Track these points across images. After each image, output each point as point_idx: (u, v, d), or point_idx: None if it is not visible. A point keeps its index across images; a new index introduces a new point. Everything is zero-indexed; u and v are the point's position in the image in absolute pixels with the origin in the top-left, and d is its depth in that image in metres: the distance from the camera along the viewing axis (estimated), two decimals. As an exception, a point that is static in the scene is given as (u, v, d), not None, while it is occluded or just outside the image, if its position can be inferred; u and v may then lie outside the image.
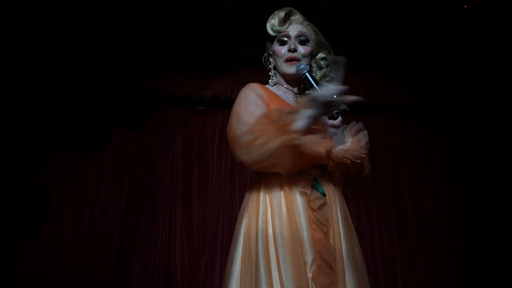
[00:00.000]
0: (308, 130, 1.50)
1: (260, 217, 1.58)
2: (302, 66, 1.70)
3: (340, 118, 1.66)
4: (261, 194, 1.63)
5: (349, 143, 1.71)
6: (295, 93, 1.83)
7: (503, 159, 4.30)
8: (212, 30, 3.79)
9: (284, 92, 1.82)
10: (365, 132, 1.75)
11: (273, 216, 1.55)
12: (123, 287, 3.70)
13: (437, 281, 4.02)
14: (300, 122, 1.45)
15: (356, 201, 4.25)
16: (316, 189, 1.60)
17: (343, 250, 1.56)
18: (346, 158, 1.67)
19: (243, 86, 1.72)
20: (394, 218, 4.23)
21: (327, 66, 1.88)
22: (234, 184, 4.14)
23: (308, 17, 1.93)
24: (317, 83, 1.61)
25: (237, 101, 1.70)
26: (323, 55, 1.87)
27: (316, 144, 1.50)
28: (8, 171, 3.68)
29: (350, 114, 4.40)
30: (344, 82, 3.93)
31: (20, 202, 3.71)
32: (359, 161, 1.68)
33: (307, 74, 1.66)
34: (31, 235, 3.70)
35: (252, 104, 1.62)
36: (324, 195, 1.60)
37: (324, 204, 1.57)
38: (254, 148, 1.42)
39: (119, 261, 3.77)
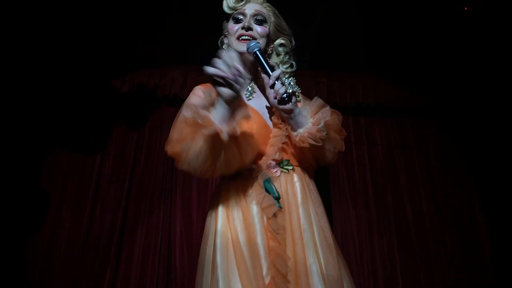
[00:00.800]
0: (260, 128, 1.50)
1: (218, 229, 1.48)
2: (252, 44, 1.56)
3: (292, 101, 1.49)
4: (220, 204, 1.53)
5: (310, 123, 1.54)
6: (250, 80, 1.68)
7: (503, 159, 4.30)
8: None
9: None
10: (326, 108, 1.58)
11: (230, 226, 1.46)
12: (122, 286, 3.69)
13: (437, 282, 4.02)
14: (216, 112, 1.32)
15: (355, 201, 4.25)
16: (270, 193, 1.46)
17: (308, 258, 1.43)
18: (304, 143, 1.51)
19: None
20: (393, 218, 4.23)
21: (285, 54, 1.74)
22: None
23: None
24: (268, 63, 1.52)
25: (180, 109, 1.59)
26: (282, 41, 1.73)
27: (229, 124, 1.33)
28: (8, 171, 3.67)
29: (351, 116, 4.51)
30: (345, 83, 3.97)
31: (18, 202, 3.70)
32: (320, 143, 1.51)
33: (257, 52, 1.53)
34: (30, 235, 3.70)
35: (188, 109, 1.43)
36: (279, 198, 1.47)
37: (279, 210, 1.45)
38: (182, 158, 1.35)
39: (118, 260, 3.77)
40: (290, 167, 1.58)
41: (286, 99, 1.48)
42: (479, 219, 4.32)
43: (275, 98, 1.49)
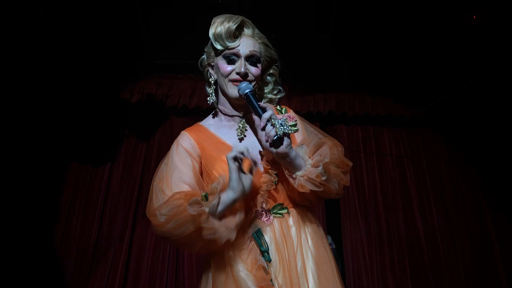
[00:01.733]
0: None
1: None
2: (243, 85, 1.47)
3: (285, 143, 1.36)
4: (210, 268, 1.49)
5: (309, 165, 1.42)
6: (241, 118, 1.59)
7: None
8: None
9: (228, 121, 1.60)
10: (325, 147, 1.45)
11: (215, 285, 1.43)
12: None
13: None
14: (215, 207, 1.32)
15: (365, 213, 4.22)
16: (258, 247, 1.41)
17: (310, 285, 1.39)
18: (303, 188, 1.41)
19: None
20: (404, 230, 4.19)
21: (274, 82, 1.68)
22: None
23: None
24: (259, 105, 1.43)
25: (166, 156, 1.57)
26: (270, 71, 1.67)
27: (229, 233, 1.35)
28: (18, 181, 3.69)
29: (360, 126, 4.50)
30: (352, 96, 3.93)
31: (28, 213, 3.72)
32: (321, 188, 1.40)
33: (249, 94, 1.45)
34: (40, 245, 3.70)
35: (177, 167, 1.47)
36: (266, 251, 1.41)
37: (268, 263, 1.40)
38: (165, 229, 1.33)
39: (127, 272, 3.78)
40: (285, 211, 1.51)
41: (278, 141, 1.36)
42: (491, 230, 4.27)
43: (267, 141, 1.37)
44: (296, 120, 1.64)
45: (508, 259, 4.16)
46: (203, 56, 1.66)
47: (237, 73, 1.51)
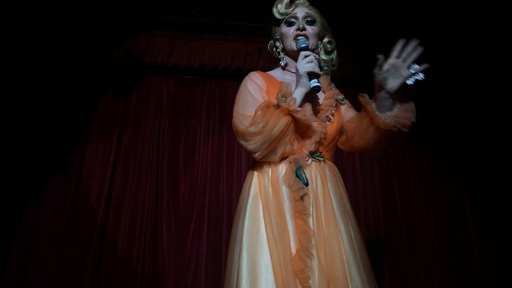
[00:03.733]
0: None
1: (249, 204, 1.69)
2: (301, 40, 1.79)
3: (399, 81, 1.61)
4: (253, 182, 1.74)
5: (397, 109, 1.67)
6: None
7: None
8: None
9: (290, 76, 1.87)
10: (413, 104, 1.69)
11: (262, 204, 1.66)
12: (108, 259, 3.66)
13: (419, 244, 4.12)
14: (295, 102, 1.61)
15: (342, 171, 4.26)
16: (300, 179, 1.63)
17: (342, 232, 1.61)
18: (394, 126, 1.65)
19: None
20: (380, 187, 4.28)
21: (333, 50, 1.97)
22: (221, 154, 4.12)
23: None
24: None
25: (238, 93, 1.83)
26: (328, 39, 1.96)
27: (311, 116, 1.74)
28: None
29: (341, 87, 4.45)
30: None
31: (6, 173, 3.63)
32: (406, 129, 1.67)
33: (303, 47, 1.75)
34: (15, 216, 3.64)
35: (252, 99, 1.74)
36: (307, 184, 1.64)
37: (306, 194, 1.62)
38: (263, 134, 1.58)
39: (104, 231, 3.73)
40: (322, 159, 1.77)
41: (317, 89, 1.65)
42: (462, 188, 4.39)
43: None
44: (343, 97, 2.00)
45: (480, 220, 4.30)
46: (270, 41, 2.05)
47: (297, 29, 1.85)
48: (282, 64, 1.96)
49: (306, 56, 1.68)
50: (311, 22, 1.88)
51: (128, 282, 3.58)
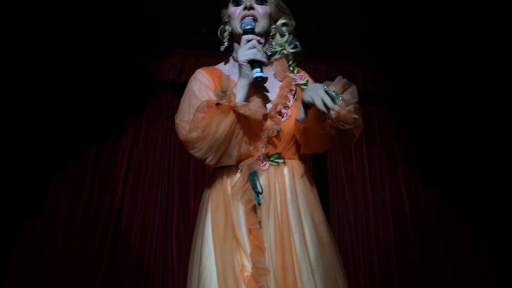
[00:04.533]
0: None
1: (206, 221, 1.51)
2: (246, 21, 1.55)
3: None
4: (210, 195, 1.56)
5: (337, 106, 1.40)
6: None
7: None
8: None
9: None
10: (353, 88, 1.46)
11: (212, 219, 1.49)
12: (119, 269, 3.71)
13: (432, 270, 4.07)
14: (238, 95, 1.42)
15: (352, 187, 4.27)
16: (252, 188, 1.44)
17: (296, 242, 1.42)
18: (333, 127, 1.39)
19: None
20: (390, 206, 4.25)
21: (289, 33, 1.72)
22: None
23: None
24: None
25: (183, 97, 1.61)
26: (284, 21, 1.71)
27: (260, 108, 1.47)
28: (5, 156, 3.65)
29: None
30: (344, 71, 3.99)
31: (16, 189, 3.69)
32: (350, 126, 1.40)
33: (248, 30, 1.52)
34: (26, 222, 3.69)
35: (197, 101, 1.48)
36: (261, 193, 1.44)
37: (257, 205, 1.44)
38: (206, 140, 1.39)
39: (114, 248, 3.78)
40: (281, 160, 1.55)
41: (259, 80, 1.45)
42: (477, 207, 4.35)
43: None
44: (307, 80, 1.75)
45: (492, 237, 4.25)
46: (221, 26, 1.77)
47: (244, 8, 1.59)
48: (224, 47, 1.72)
49: (248, 41, 1.47)
50: (261, 1, 1.63)
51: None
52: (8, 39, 3.37)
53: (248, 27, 1.52)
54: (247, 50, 1.45)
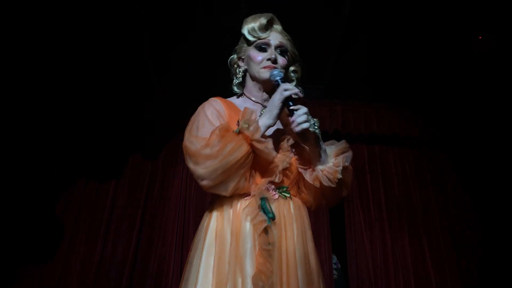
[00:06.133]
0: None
1: (205, 247, 1.51)
2: (275, 72, 1.63)
3: (313, 138, 1.55)
4: (211, 221, 1.56)
5: (331, 163, 1.58)
6: (263, 107, 1.73)
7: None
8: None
9: (251, 105, 1.70)
10: (349, 153, 1.63)
11: (216, 245, 1.49)
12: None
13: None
14: (259, 131, 1.46)
15: (371, 232, 4.17)
16: (264, 212, 1.46)
17: (299, 277, 1.45)
18: (317, 181, 1.56)
19: None
20: (409, 251, 4.13)
21: (296, 79, 1.83)
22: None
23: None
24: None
25: (195, 115, 1.64)
26: (294, 68, 1.82)
27: (273, 150, 1.51)
28: (22, 198, 3.70)
29: (366, 145, 4.50)
30: (359, 112, 4.01)
31: (32, 230, 3.71)
32: (333, 185, 1.55)
33: (279, 80, 1.60)
34: (43, 263, 3.68)
35: (209, 124, 1.55)
36: (273, 218, 1.46)
37: (269, 227, 1.45)
38: (218, 159, 1.39)
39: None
40: (288, 195, 1.60)
41: (304, 135, 1.53)
42: (496, 254, 4.19)
43: (296, 127, 1.50)
44: None
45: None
46: (232, 56, 1.84)
47: (268, 59, 1.68)
48: (236, 82, 1.80)
49: (290, 93, 1.52)
50: (283, 53, 1.74)
51: None
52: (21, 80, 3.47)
53: (278, 78, 1.61)
54: (301, 116, 1.49)
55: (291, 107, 1.51)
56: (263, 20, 1.71)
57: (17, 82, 3.52)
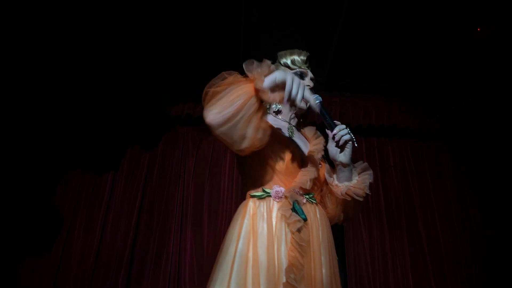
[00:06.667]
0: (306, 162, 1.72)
1: (240, 240, 1.59)
2: (315, 96, 1.75)
3: (348, 154, 1.69)
4: (246, 215, 1.66)
5: (355, 180, 1.75)
6: (290, 125, 1.92)
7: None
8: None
9: (280, 121, 1.91)
10: (371, 172, 1.79)
11: (254, 239, 1.58)
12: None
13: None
14: (267, 80, 1.47)
15: (369, 226, 4.19)
16: (297, 213, 1.60)
17: (323, 276, 1.58)
18: (348, 195, 1.72)
19: None
20: (407, 243, 4.15)
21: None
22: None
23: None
24: (329, 114, 1.73)
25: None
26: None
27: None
28: (21, 189, 3.71)
29: (364, 137, 4.51)
30: (357, 104, 4.01)
31: (31, 220, 3.72)
32: (361, 199, 1.73)
33: (321, 103, 1.73)
34: (41, 254, 3.69)
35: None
36: (305, 219, 1.60)
37: (303, 227, 1.58)
38: (224, 90, 1.45)
39: (128, 280, 3.74)
40: (314, 201, 1.76)
41: (341, 149, 1.68)
42: (495, 245, 4.22)
43: (337, 141, 1.67)
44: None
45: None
46: None
47: (307, 85, 1.88)
48: (274, 109, 1.97)
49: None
50: (314, 86, 1.97)
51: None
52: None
53: (318, 101, 1.73)
54: (343, 130, 1.66)
55: (333, 121, 1.70)
56: (304, 55, 1.97)
57: (13, 73, 3.51)
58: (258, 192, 1.71)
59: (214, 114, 1.44)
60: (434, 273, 4.06)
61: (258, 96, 1.47)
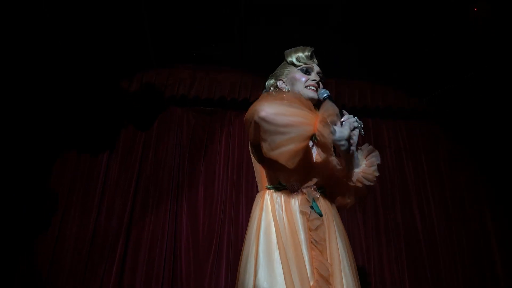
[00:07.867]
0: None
1: (261, 232, 1.69)
2: (322, 91, 1.93)
3: (355, 141, 1.75)
4: (264, 210, 1.76)
5: (364, 165, 1.85)
6: None
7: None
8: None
9: None
10: (377, 153, 1.89)
11: (276, 230, 1.67)
12: (128, 284, 3.68)
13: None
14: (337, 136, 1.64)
15: (363, 205, 4.22)
16: (315, 210, 1.70)
17: (341, 265, 1.66)
18: (359, 182, 1.82)
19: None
20: (402, 223, 4.19)
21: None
22: (240, 185, 4.13)
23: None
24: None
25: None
26: None
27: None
28: (15, 171, 3.68)
29: (359, 118, 4.47)
30: (353, 85, 3.99)
31: (26, 202, 3.71)
32: (372, 183, 1.84)
33: (327, 97, 1.87)
34: (37, 235, 3.69)
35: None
36: (321, 215, 1.71)
37: (321, 224, 1.70)
38: (284, 103, 1.63)
39: (124, 261, 3.75)
40: (326, 195, 1.86)
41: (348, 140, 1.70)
42: (489, 226, 4.27)
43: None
44: None
45: (506, 255, 4.16)
46: (271, 81, 2.12)
47: (313, 80, 2.00)
48: None
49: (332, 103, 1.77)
50: (321, 79, 2.05)
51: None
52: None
53: (326, 95, 1.89)
54: (353, 123, 1.76)
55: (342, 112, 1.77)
56: (308, 51, 2.05)
57: (7, 60, 3.46)
58: (274, 184, 1.81)
59: (270, 113, 1.58)
60: (427, 250, 4.11)
61: (315, 131, 1.58)
